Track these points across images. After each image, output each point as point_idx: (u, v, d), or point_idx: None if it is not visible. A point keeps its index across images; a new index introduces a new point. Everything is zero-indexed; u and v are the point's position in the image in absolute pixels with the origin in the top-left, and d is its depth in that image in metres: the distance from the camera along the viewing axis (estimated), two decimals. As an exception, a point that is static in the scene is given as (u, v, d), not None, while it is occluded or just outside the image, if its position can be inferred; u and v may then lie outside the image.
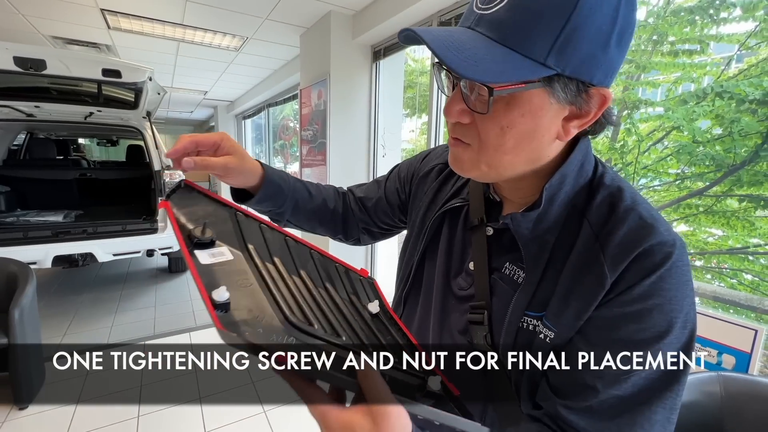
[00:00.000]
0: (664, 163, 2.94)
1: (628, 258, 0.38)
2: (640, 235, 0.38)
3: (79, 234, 2.87)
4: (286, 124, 5.65)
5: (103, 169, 4.34)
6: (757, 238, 2.62)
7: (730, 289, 2.51)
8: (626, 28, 0.36)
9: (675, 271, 0.37)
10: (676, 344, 0.37)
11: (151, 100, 3.17)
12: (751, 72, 2.51)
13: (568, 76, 0.36)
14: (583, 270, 0.40)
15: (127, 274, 3.92)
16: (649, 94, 3.14)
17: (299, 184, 0.66)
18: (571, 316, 0.40)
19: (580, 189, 0.44)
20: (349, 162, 2.92)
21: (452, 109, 0.40)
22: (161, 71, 4.60)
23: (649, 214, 0.40)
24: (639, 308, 0.37)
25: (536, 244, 0.44)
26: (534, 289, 0.43)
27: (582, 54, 0.35)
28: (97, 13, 2.87)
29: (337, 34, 2.72)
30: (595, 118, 0.39)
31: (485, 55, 0.34)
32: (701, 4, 2.56)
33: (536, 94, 0.37)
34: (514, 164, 0.42)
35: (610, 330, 0.39)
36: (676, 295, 0.37)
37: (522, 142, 0.39)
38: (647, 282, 0.37)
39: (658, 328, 0.37)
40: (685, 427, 0.76)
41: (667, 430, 0.37)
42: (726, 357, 0.99)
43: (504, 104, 0.37)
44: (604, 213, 0.42)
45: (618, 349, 0.38)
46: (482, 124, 0.39)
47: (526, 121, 0.38)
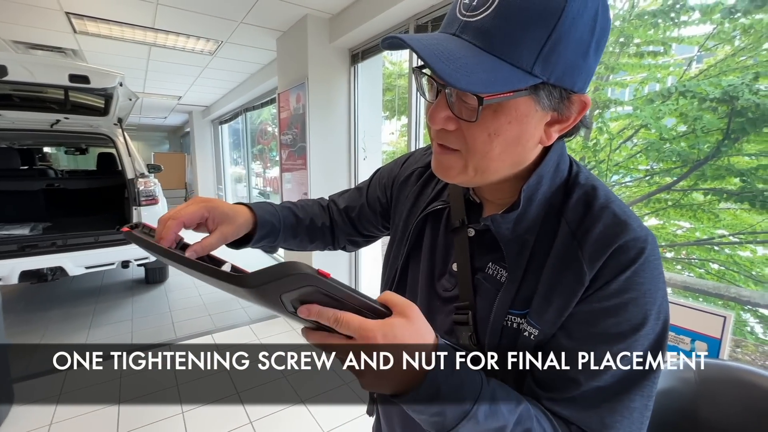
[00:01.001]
0: (634, 160, 3.07)
1: (605, 255, 0.39)
2: (615, 232, 0.40)
3: (47, 247, 2.74)
4: (264, 129, 5.57)
5: (72, 179, 4.15)
6: (722, 229, 2.76)
7: (699, 279, 2.64)
8: (602, 37, 0.38)
9: (648, 266, 0.39)
10: (651, 335, 0.39)
11: (123, 106, 3.07)
12: (710, 72, 2.65)
13: (552, 84, 0.37)
14: (562, 268, 0.42)
15: (101, 288, 3.76)
16: (618, 93, 3.27)
17: (286, 212, 0.66)
18: (553, 313, 0.41)
19: (556, 189, 0.46)
20: (330, 165, 2.91)
21: (437, 116, 0.40)
22: (132, 76, 4.46)
23: (622, 211, 0.42)
24: (616, 302, 0.39)
25: (517, 243, 0.45)
26: (517, 287, 0.44)
27: (566, 62, 0.36)
28: (62, 17, 2.76)
29: (314, 37, 2.71)
30: (574, 122, 0.41)
31: (476, 65, 0.35)
32: (663, 8, 2.69)
33: (522, 102, 0.38)
34: (499, 169, 0.42)
35: (589, 325, 0.40)
36: (650, 288, 0.39)
37: (508, 148, 0.40)
38: (623, 277, 0.39)
39: (634, 321, 0.39)
40: (662, 412, 0.79)
41: (645, 416, 0.40)
42: (698, 344, 1.04)
43: (491, 112, 0.38)
44: (580, 211, 0.43)
45: (597, 343, 0.39)
46: (469, 131, 0.40)
47: (513, 128, 0.39)
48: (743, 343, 2.36)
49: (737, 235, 2.71)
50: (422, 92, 0.45)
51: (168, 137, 11.81)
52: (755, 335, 2.46)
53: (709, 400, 0.77)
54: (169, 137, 11.79)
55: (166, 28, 3.01)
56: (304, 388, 2.07)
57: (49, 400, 1.95)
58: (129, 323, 2.95)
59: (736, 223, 2.72)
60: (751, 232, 2.67)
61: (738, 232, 2.71)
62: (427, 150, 0.67)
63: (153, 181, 3.22)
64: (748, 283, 2.58)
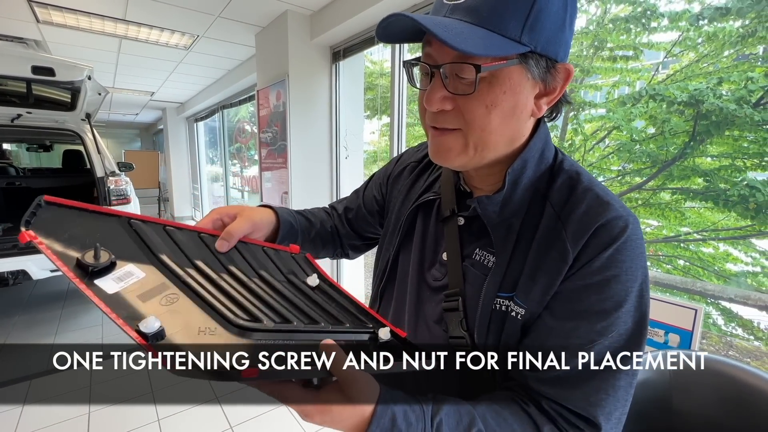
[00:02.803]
0: (607, 161, 3.19)
1: (587, 233, 0.41)
2: (598, 212, 0.42)
3: (8, 249, 2.58)
4: (242, 127, 5.45)
5: (35, 177, 3.94)
6: (687, 226, 2.91)
7: (667, 274, 2.77)
8: (573, 14, 0.42)
9: (630, 244, 0.41)
10: (633, 312, 0.40)
11: (91, 101, 2.92)
12: (676, 77, 2.79)
13: (539, 53, 0.40)
14: (547, 248, 0.43)
15: (68, 292, 3.57)
16: (591, 96, 3.39)
17: (300, 216, 0.67)
18: (538, 292, 0.42)
19: (541, 174, 0.47)
20: (311, 164, 2.87)
21: (434, 97, 0.41)
22: (101, 70, 4.25)
23: (604, 194, 0.44)
24: (599, 279, 0.40)
25: (504, 227, 0.47)
26: (504, 271, 0.45)
27: (547, 33, 0.40)
28: (23, 5, 2.59)
29: (294, 34, 2.67)
30: (560, 93, 0.44)
31: (471, 33, 0.38)
32: (635, 14, 2.80)
33: (515, 71, 0.40)
34: (498, 144, 0.44)
35: (573, 302, 0.41)
36: (631, 266, 0.40)
37: (505, 119, 0.42)
38: (605, 255, 0.40)
39: (616, 297, 0.40)
40: (639, 402, 0.82)
41: (629, 393, 0.40)
42: (672, 336, 1.09)
43: (486, 84, 0.40)
44: (564, 194, 0.45)
45: (581, 320, 0.40)
46: (467, 106, 0.41)
47: (508, 98, 0.41)
48: (708, 335, 2.49)
49: (701, 232, 2.86)
50: (413, 82, 0.46)
51: (140, 135, 11.36)
52: (718, 327, 2.61)
53: (682, 389, 0.81)
54: (141, 135, 11.34)
55: (139, 21, 2.88)
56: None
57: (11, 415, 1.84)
58: (99, 328, 2.81)
59: (700, 221, 2.87)
60: (713, 230, 2.83)
61: (702, 229, 2.86)
62: (419, 147, 0.68)
63: (124, 180, 3.09)
64: (711, 278, 2.73)
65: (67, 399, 1.96)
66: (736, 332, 2.53)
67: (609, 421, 0.39)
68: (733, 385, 0.74)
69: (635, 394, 0.41)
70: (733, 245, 2.75)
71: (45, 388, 2.04)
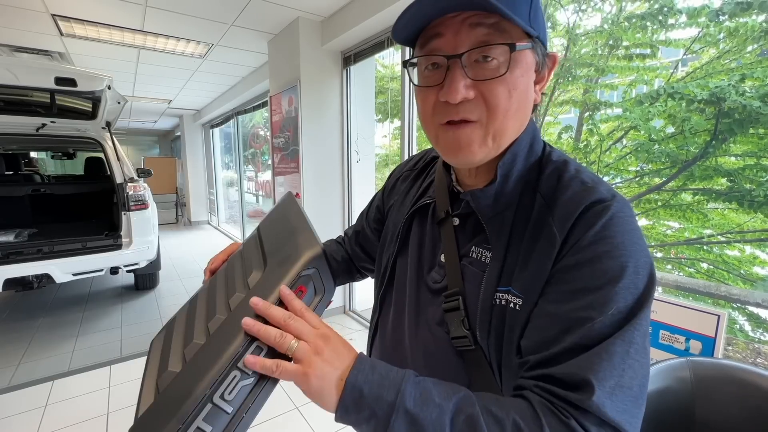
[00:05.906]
0: (625, 161, 3.11)
1: (573, 216, 0.41)
2: (582, 196, 0.42)
3: (33, 254, 2.67)
4: (256, 132, 5.53)
5: (59, 184, 4.07)
6: (710, 228, 2.80)
7: (689, 278, 2.67)
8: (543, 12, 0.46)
9: (617, 221, 0.40)
10: (633, 289, 0.38)
11: (111, 110, 3.02)
12: (696, 74, 2.70)
13: (540, 39, 0.44)
14: (537, 235, 0.43)
15: (89, 295, 3.69)
16: (607, 96, 3.31)
17: None
18: (531, 279, 0.42)
19: (531, 166, 0.48)
20: (323, 168, 2.90)
21: (458, 86, 0.41)
22: (121, 79, 4.40)
23: (590, 179, 0.44)
24: (589, 256, 0.39)
25: (497, 221, 0.47)
26: (501, 265, 0.45)
27: (541, 23, 0.43)
28: (48, 19, 2.71)
29: (306, 40, 2.70)
30: (548, 81, 0.47)
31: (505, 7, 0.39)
32: (651, 11, 2.74)
33: (529, 54, 0.43)
34: (512, 132, 0.45)
35: (566, 283, 0.40)
36: (622, 241, 0.39)
37: (521, 103, 0.43)
38: (591, 233, 0.40)
39: (610, 273, 0.38)
40: (659, 411, 0.79)
41: (626, 364, 0.36)
42: (693, 342, 1.05)
43: (510, 66, 0.42)
44: (552, 183, 0.46)
45: (577, 300, 0.39)
46: (491, 91, 0.42)
47: (523, 81, 0.43)
48: (734, 341, 2.40)
49: (725, 234, 2.75)
50: (416, 83, 0.46)
51: (158, 141, 11.67)
52: (745, 333, 2.50)
53: (706, 398, 0.78)
54: (160, 141, 11.65)
55: (156, 31, 2.97)
56: (298, 393, 2.04)
57: (34, 414, 1.89)
58: (118, 331, 2.88)
59: (724, 222, 2.77)
60: (738, 231, 2.72)
61: (726, 231, 2.75)
62: (409, 159, 0.70)
63: (143, 186, 3.17)
64: (737, 282, 2.62)
65: (86, 400, 2.01)
66: (765, 338, 2.42)
67: (603, 387, 0.35)
68: (760, 395, 0.71)
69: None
70: (760, 247, 2.64)
71: (66, 389, 2.10)
